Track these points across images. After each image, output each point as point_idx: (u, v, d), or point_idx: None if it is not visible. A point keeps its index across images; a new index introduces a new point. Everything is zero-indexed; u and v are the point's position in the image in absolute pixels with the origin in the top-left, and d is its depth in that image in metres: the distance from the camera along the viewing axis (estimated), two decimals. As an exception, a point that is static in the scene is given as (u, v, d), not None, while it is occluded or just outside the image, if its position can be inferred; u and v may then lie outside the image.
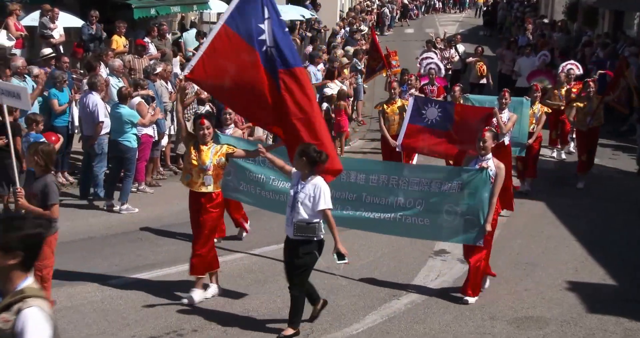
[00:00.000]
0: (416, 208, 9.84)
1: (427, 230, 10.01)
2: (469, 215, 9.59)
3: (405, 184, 9.90)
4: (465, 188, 9.60)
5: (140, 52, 17.10)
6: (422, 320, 9.29)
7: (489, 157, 9.87)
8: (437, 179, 9.79)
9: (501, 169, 9.73)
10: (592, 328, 9.23)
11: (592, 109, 15.84)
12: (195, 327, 8.86)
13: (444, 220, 9.77)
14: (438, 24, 49.61)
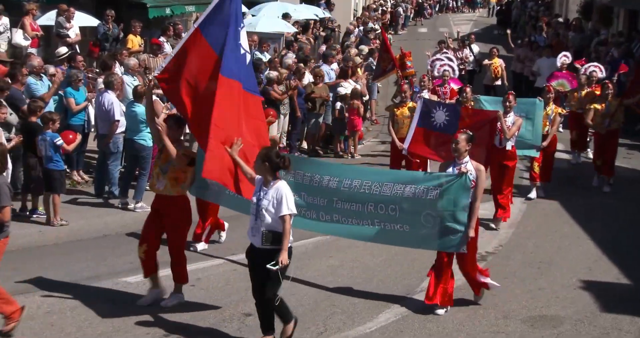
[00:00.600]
0: (391, 215, 9.25)
1: (407, 238, 9.38)
2: (450, 222, 9.08)
3: (378, 189, 9.28)
4: (444, 195, 9.05)
5: (156, 51, 17.18)
6: (435, 319, 9.30)
7: (466, 161, 9.49)
8: (413, 184, 9.18)
9: (481, 171, 9.40)
10: (606, 328, 9.22)
11: (610, 111, 15.57)
12: (210, 324, 8.90)
13: (423, 227, 9.19)
14: (452, 23, 49.59)
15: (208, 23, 8.79)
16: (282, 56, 20.19)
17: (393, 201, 9.19)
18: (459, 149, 9.48)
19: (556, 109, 14.82)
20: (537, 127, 14.18)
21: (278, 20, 24.80)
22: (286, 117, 17.68)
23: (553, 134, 14.77)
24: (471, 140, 9.58)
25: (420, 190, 9.11)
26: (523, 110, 14.04)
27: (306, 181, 9.44)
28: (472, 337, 8.87)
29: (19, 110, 12.77)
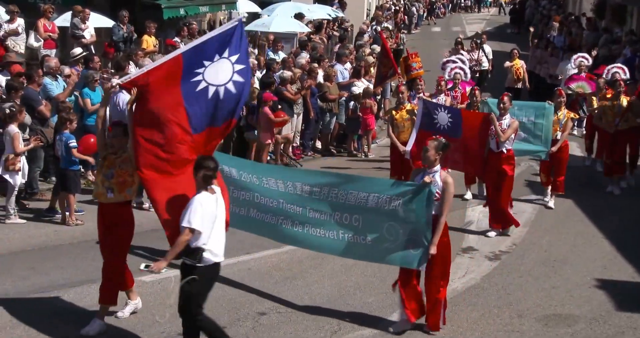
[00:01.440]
0: (354, 225, 8.79)
1: (370, 251, 8.88)
2: (412, 235, 8.51)
3: (343, 198, 8.79)
4: (406, 205, 8.48)
5: (170, 52, 17.23)
6: (449, 318, 9.22)
7: (435, 170, 8.69)
8: (376, 193, 8.63)
9: (449, 183, 8.59)
10: (621, 326, 9.21)
11: (621, 110, 15.27)
12: (224, 323, 8.86)
13: (386, 240, 8.65)
14: (465, 22, 49.53)
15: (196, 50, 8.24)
16: (295, 56, 20.24)
17: (356, 210, 8.74)
18: (428, 157, 8.70)
19: (568, 113, 14.23)
20: (546, 132, 13.73)
21: (291, 20, 24.84)
22: (299, 117, 17.72)
23: (564, 139, 14.07)
24: (443, 149, 8.75)
25: (383, 200, 8.60)
26: (532, 114, 13.73)
27: (281, 188, 9.17)
28: (486, 335, 8.86)
29: (34, 111, 12.86)
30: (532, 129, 13.78)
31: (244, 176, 9.45)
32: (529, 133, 13.95)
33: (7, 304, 9.16)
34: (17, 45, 16.27)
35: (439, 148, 8.69)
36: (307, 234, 9.16)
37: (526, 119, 13.87)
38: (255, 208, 9.50)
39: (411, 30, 43.83)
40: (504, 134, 12.37)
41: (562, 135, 13.97)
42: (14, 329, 8.56)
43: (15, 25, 16.35)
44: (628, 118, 15.32)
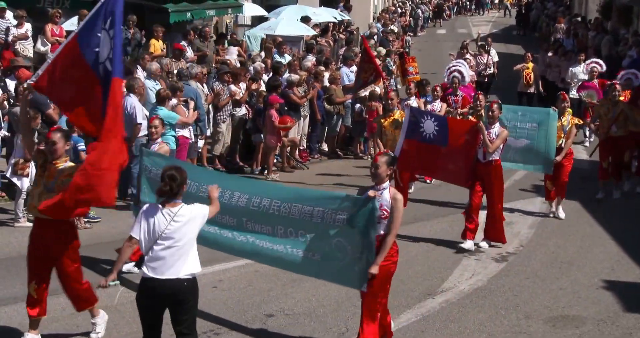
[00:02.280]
0: (301, 241, 8.11)
1: (320, 268, 8.16)
2: (358, 253, 7.84)
3: (287, 211, 8.12)
4: (352, 221, 7.78)
5: (178, 56, 17.33)
6: (457, 319, 9.32)
7: (385, 187, 7.92)
8: (320, 206, 7.95)
9: (398, 201, 7.86)
10: (629, 328, 9.20)
11: (615, 116, 14.52)
12: (232, 326, 8.96)
13: (335, 257, 7.96)
14: (471, 24, 49.56)
15: (83, 30, 8.15)
16: (301, 59, 20.29)
17: (302, 225, 8.07)
18: (379, 174, 7.90)
19: (572, 119, 13.47)
20: (550, 140, 13.04)
21: (298, 23, 24.91)
22: (306, 119, 17.77)
23: (568, 147, 13.35)
24: (393, 163, 8.05)
25: (328, 214, 7.90)
26: (535, 121, 13.11)
27: (225, 199, 8.41)
28: (493, 337, 8.86)
29: (43, 115, 12.93)
30: (536, 136, 13.16)
31: None
32: (532, 141, 13.26)
33: (17, 307, 9.22)
34: (26, 50, 16.37)
35: (390, 163, 7.96)
36: (256, 247, 8.47)
37: (529, 126, 13.23)
38: None
39: (417, 33, 43.86)
40: (492, 144, 11.66)
41: (567, 142, 13.31)
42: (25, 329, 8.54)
43: (23, 30, 16.47)
44: (623, 124, 14.63)
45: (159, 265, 6.94)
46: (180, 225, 6.98)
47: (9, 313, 9.13)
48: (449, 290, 10.30)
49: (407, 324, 9.16)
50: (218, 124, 16.10)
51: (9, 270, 10.14)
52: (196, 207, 7.15)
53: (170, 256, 6.94)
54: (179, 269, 6.96)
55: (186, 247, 7.00)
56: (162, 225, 6.95)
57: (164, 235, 6.93)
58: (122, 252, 7.17)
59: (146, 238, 6.99)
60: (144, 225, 7.00)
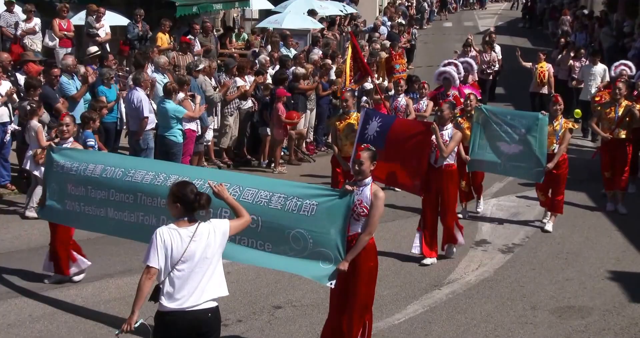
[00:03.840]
0: (251, 227, 7.30)
1: (270, 258, 7.65)
2: (324, 248, 7.39)
3: (237, 193, 7.48)
4: (320, 212, 7.32)
5: (185, 49, 17.40)
6: (463, 310, 9.38)
7: (367, 183, 7.60)
8: (282, 194, 7.46)
9: (379, 199, 7.52)
10: (634, 318, 9.26)
11: (618, 117, 13.52)
12: (240, 317, 9.03)
13: (290, 248, 7.48)
14: (477, 17, 49.44)
15: None
16: (307, 52, 20.34)
17: (254, 211, 7.31)
18: (363, 170, 7.59)
19: (566, 123, 12.38)
20: (541, 146, 12.04)
21: (304, 17, 24.94)
22: (313, 112, 17.82)
23: (561, 154, 12.30)
24: (375, 158, 7.69)
25: (292, 203, 7.40)
26: (524, 126, 12.12)
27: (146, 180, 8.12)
28: (500, 327, 8.91)
29: (52, 109, 13.02)
30: (526, 142, 12.13)
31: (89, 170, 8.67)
32: (523, 147, 12.22)
33: (27, 299, 9.34)
34: (34, 44, 16.45)
35: (372, 158, 7.66)
36: None
37: (518, 131, 12.20)
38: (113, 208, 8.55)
39: (423, 26, 43.80)
40: (447, 147, 10.81)
41: (559, 148, 12.26)
42: (34, 324, 8.69)
43: (32, 24, 16.55)
44: (627, 125, 13.63)
45: (179, 293, 6.18)
46: (201, 246, 6.23)
47: (19, 305, 9.21)
48: (456, 281, 10.36)
49: (414, 315, 9.22)
50: (225, 117, 16.16)
51: (19, 264, 10.21)
52: (216, 223, 6.41)
53: (192, 281, 6.19)
54: (202, 295, 6.22)
55: (209, 269, 6.26)
56: (180, 247, 6.17)
57: (184, 259, 6.16)
58: (142, 287, 6.17)
59: (164, 265, 6.19)
60: (161, 251, 6.17)
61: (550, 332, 8.81)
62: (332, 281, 7.40)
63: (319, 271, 7.42)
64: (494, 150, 12.35)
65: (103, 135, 14.00)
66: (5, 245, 9.71)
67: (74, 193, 8.84)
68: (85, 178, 8.68)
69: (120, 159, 9.45)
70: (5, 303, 9.21)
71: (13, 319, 8.82)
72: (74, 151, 9.29)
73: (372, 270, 7.77)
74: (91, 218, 8.78)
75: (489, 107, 13.12)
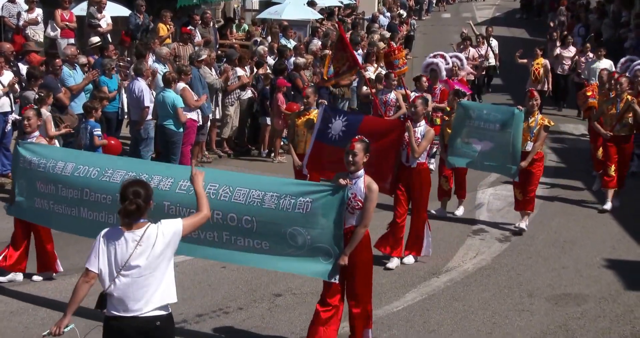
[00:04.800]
0: (246, 227, 7.35)
1: (267, 258, 7.53)
2: (323, 243, 7.33)
3: (228, 195, 7.37)
4: (315, 209, 7.23)
5: (186, 40, 17.47)
6: (461, 298, 9.46)
7: (360, 175, 7.52)
8: (275, 192, 7.31)
9: (372, 191, 7.44)
10: (630, 305, 9.34)
11: (619, 113, 13.08)
12: (241, 305, 9.10)
13: (288, 246, 7.39)
14: (475, 8, 49.36)
15: None
16: (307, 43, 20.42)
17: (248, 211, 7.30)
18: (357, 161, 7.50)
19: (542, 119, 11.80)
20: (515, 143, 11.49)
21: (304, 8, 25.00)
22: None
23: (535, 152, 11.74)
24: (368, 150, 7.60)
25: (286, 201, 7.26)
26: (499, 121, 11.63)
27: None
28: (497, 315, 8.98)
29: (54, 98, 13.05)
30: (500, 138, 11.66)
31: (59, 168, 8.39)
32: (496, 144, 11.79)
33: (30, 287, 9.40)
34: (36, 34, 16.49)
35: (366, 149, 7.57)
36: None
37: (493, 127, 11.75)
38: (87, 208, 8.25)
39: (422, 17, 43.81)
40: (419, 146, 10.32)
41: (534, 146, 11.69)
42: (37, 311, 8.72)
43: (34, 15, 16.56)
44: (628, 121, 13.11)
45: (125, 300, 5.75)
46: (149, 249, 5.77)
47: (20, 295, 9.26)
48: (454, 270, 10.45)
49: (412, 303, 9.30)
50: (226, 107, 16.25)
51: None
52: (165, 223, 5.91)
53: (139, 288, 5.75)
54: (150, 302, 5.78)
55: (157, 274, 5.80)
56: (125, 252, 5.74)
57: (130, 264, 5.72)
58: (77, 290, 5.76)
59: (107, 269, 5.76)
60: (103, 254, 5.76)
61: (546, 319, 8.89)
62: (336, 276, 7.38)
63: (320, 267, 7.38)
64: (470, 146, 11.98)
65: (105, 124, 14.11)
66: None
67: (43, 191, 8.55)
68: (55, 176, 8.39)
69: (93, 157, 9.11)
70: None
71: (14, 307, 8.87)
72: (41, 147, 8.98)
73: (369, 261, 7.73)
74: (62, 217, 8.48)
75: (466, 102, 12.66)
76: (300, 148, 11.69)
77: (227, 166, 15.68)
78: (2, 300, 9.02)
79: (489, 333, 8.52)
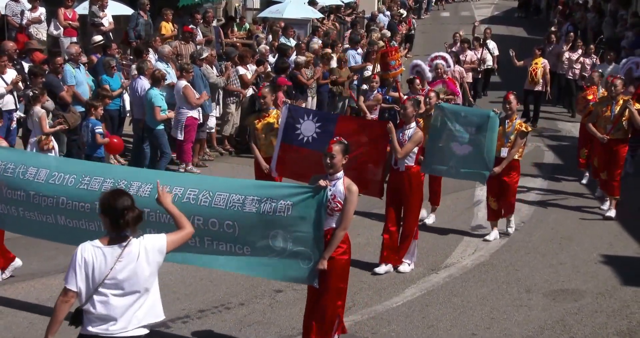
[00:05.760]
0: (228, 232, 7.20)
1: (249, 263, 7.33)
2: (303, 247, 7.17)
3: (208, 200, 7.20)
4: (295, 211, 7.07)
5: (188, 39, 17.55)
6: (459, 293, 9.51)
7: (339, 176, 7.34)
8: (254, 196, 7.13)
9: (352, 193, 7.26)
10: (626, 300, 9.40)
11: (615, 116, 12.40)
12: (242, 300, 9.16)
13: (271, 250, 7.22)
14: (474, 6, 49.35)
15: None
16: (308, 42, 20.51)
17: (230, 216, 7.16)
18: (335, 163, 7.33)
19: (519, 125, 11.21)
20: (489, 148, 10.93)
21: (305, 7, 25.09)
22: (314, 99, 18.01)
23: (511, 158, 11.10)
24: (347, 152, 7.44)
25: (267, 205, 7.10)
26: (475, 125, 11.01)
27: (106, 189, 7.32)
28: (495, 310, 9.04)
29: (56, 97, 13.19)
30: (475, 143, 11.03)
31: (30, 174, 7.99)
32: (473, 148, 11.09)
33: (34, 283, 9.48)
34: (40, 33, 16.58)
35: (345, 151, 7.41)
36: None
37: (469, 130, 11.10)
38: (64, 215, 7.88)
39: (421, 15, 43.84)
40: (403, 148, 9.96)
41: (509, 153, 11.10)
42: (41, 307, 8.74)
43: (37, 14, 16.64)
44: (622, 125, 12.45)
45: (105, 318, 5.46)
46: (130, 265, 5.47)
47: (26, 289, 9.36)
48: (453, 266, 10.52)
49: (411, 299, 9.36)
50: (227, 105, 16.33)
51: (27, 248, 10.28)
52: (148, 238, 5.63)
53: (119, 305, 5.46)
54: (131, 320, 5.49)
55: (140, 291, 5.51)
56: (104, 268, 5.43)
57: (109, 281, 5.42)
58: (57, 310, 5.46)
59: (85, 286, 5.45)
60: (81, 271, 5.43)
61: (544, 315, 8.94)
62: (315, 280, 7.22)
63: (300, 272, 7.21)
64: (446, 151, 11.21)
65: (109, 122, 14.21)
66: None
67: (11, 197, 8.10)
68: (26, 183, 7.95)
69: (68, 163, 8.60)
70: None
71: (21, 301, 8.93)
72: (6, 150, 8.73)
73: (346, 265, 7.52)
74: (35, 224, 8.09)
75: (446, 105, 11.99)
76: (264, 152, 10.92)
77: (228, 164, 15.80)
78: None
79: (487, 328, 8.59)
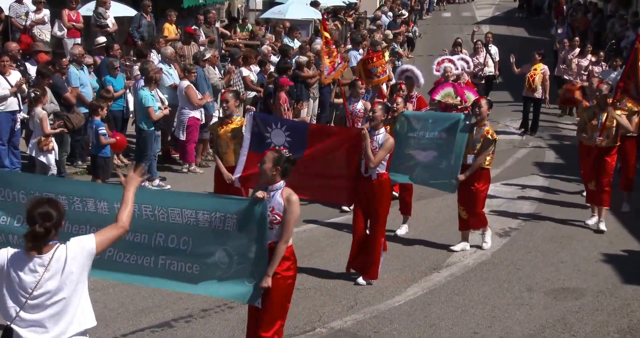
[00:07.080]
0: (182, 249, 6.95)
1: (195, 282, 7.05)
2: (246, 264, 6.89)
3: (165, 215, 6.92)
4: (239, 226, 6.82)
5: (189, 40, 17.60)
6: (461, 292, 9.56)
7: (277, 187, 6.92)
8: (205, 210, 6.86)
9: (292, 203, 6.84)
10: (627, 299, 9.45)
11: (600, 123, 11.76)
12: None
13: (218, 268, 6.96)
14: (475, 7, 49.38)
15: None
16: (310, 42, 20.56)
17: (186, 231, 6.92)
18: (264, 170, 6.94)
19: (486, 131, 10.54)
20: (457, 154, 10.52)
21: (307, 7, 25.15)
22: (316, 101, 18.05)
23: (477, 165, 10.51)
24: (282, 163, 6.93)
25: (217, 218, 6.85)
26: (444, 130, 10.66)
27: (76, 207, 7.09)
28: (497, 309, 9.08)
29: (60, 98, 13.26)
30: (442, 149, 10.69)
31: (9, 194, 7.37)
32: (439, 154, 10.80)
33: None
34: (44, 34, 16.64)
35: (278, 161, 6.91)
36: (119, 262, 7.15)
37: (437, 136, 10.76)
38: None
39: (422, 16, 43.91)
40: (376, 156, 9.53)
41: (476, 160, 10.51)
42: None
43: (41, 15, 16.70)
44: (609, 132, 11.82)
45: (37, 331, 5.14)
46: (58, 274, 5.12)
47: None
48: (454, 265, 10.57)
49: (413, 297, 9.41)
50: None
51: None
52: (75, 242, 5.24)
53: (52, 316, 5.15)
54: (67, 330, 5.19)
55: (73, 299, 5.20)
56: (32, 279, 5.09)
57: (37, 293, 5.08)
58: None
59: (11, 300, 5.13)
60: (5, 283, 5.14)
61: (545, 313, 8.98)
62: (258, 300, 6.91)
63: (244, 289, 6.91)
64: (411, 159, 10.93)
65: (113, 123, 14.28)
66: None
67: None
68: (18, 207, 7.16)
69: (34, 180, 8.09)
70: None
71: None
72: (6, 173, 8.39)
73: (291, 283, 7.12)
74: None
75: (411, 112, 11.65)
76: (226, 160, 10.41)
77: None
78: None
79: (489, 326, 8.63)
